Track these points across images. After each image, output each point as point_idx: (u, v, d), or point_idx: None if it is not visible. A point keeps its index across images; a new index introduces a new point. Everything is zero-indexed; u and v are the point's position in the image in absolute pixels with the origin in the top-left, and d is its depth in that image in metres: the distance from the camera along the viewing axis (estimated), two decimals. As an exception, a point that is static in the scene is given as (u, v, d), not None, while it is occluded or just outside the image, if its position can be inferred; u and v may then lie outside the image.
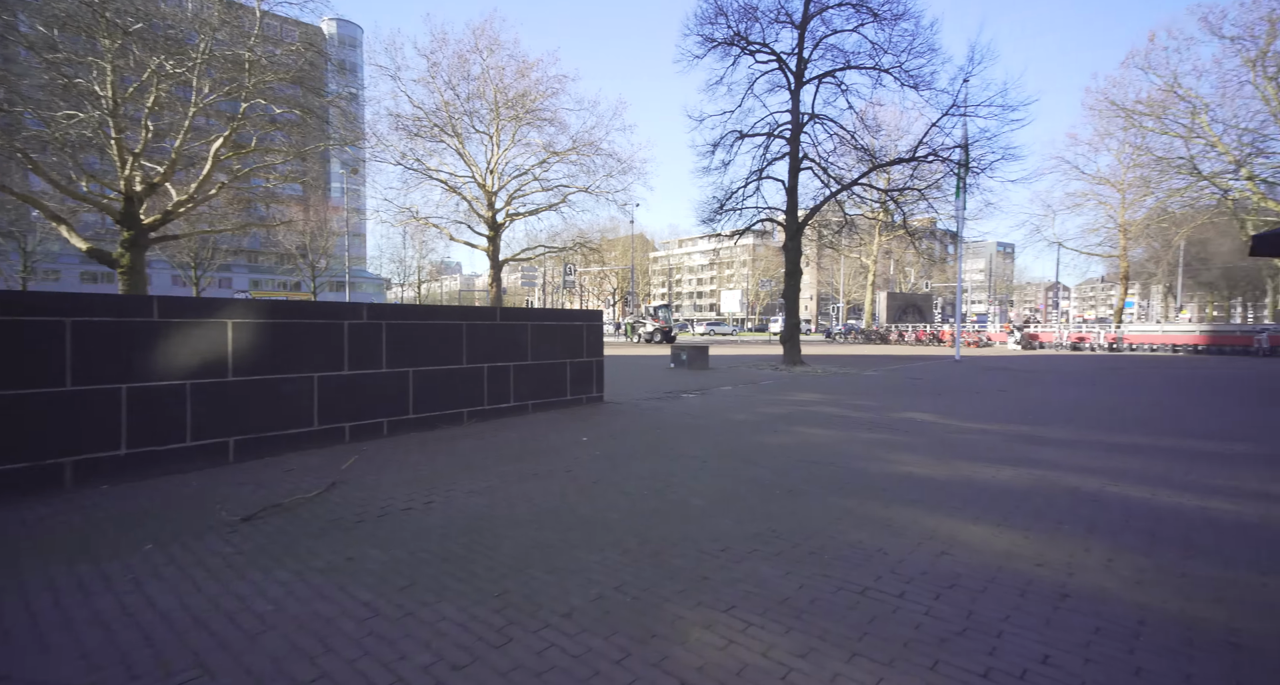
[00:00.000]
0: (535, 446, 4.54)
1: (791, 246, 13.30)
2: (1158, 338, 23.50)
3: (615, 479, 3.60)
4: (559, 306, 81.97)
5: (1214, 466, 3.95)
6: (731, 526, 2.75)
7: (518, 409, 6.05)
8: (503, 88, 32.19)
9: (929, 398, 7.94)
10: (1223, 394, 8.62)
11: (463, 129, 32.80)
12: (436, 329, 5.35)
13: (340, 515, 2.90)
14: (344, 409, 4.64)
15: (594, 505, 3.08)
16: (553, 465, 3.93)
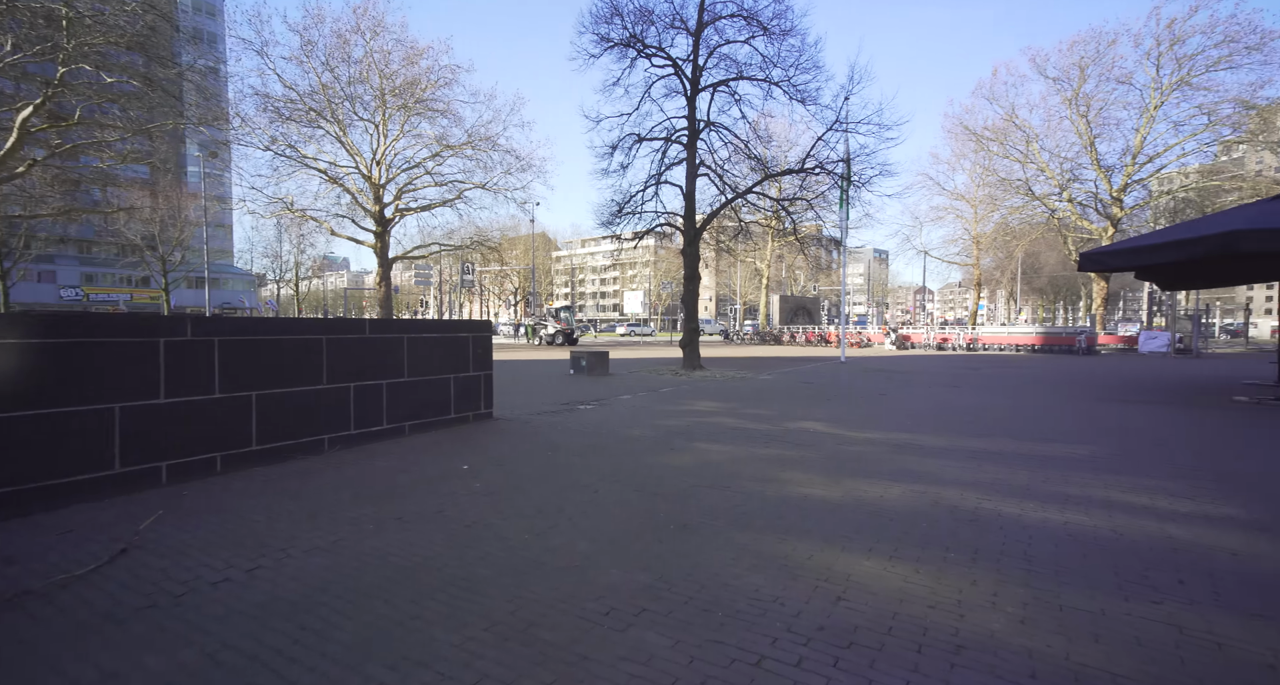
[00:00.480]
0: (406, 480, 4.00)
1: (690, 252, 13.40)
2: (1004, 338, 26.62)
3: (494, 520, 3.18)
4: (457, 305, 78.31)
5: (1065, 472, 4.27)
6: (619, 578, 2.46)
7: (392, 432, 5.40)
8: (389, 74, 29.99)
9: (819, 404, 8.21)
10: (1059, 392, 9.73)
11: (344, 115, 30.17)
12: (290, 345, 4.60)
13: (121, 600, 2.26)
14: (159, 445, 3.81)
15: (464, 559, 2.66)
16: (422, 505, 3.44)
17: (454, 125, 31.86)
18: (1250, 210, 8.18)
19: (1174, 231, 8.78)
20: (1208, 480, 4.03)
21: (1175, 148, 29.45)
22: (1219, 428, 6.39)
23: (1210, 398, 9.06)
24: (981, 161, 34.94)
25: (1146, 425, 6.46)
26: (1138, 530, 2.99)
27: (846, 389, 10.25)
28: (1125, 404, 8.31)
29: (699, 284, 13.73)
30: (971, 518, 3.19)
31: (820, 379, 12.22)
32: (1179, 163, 30.71)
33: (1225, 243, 7.45)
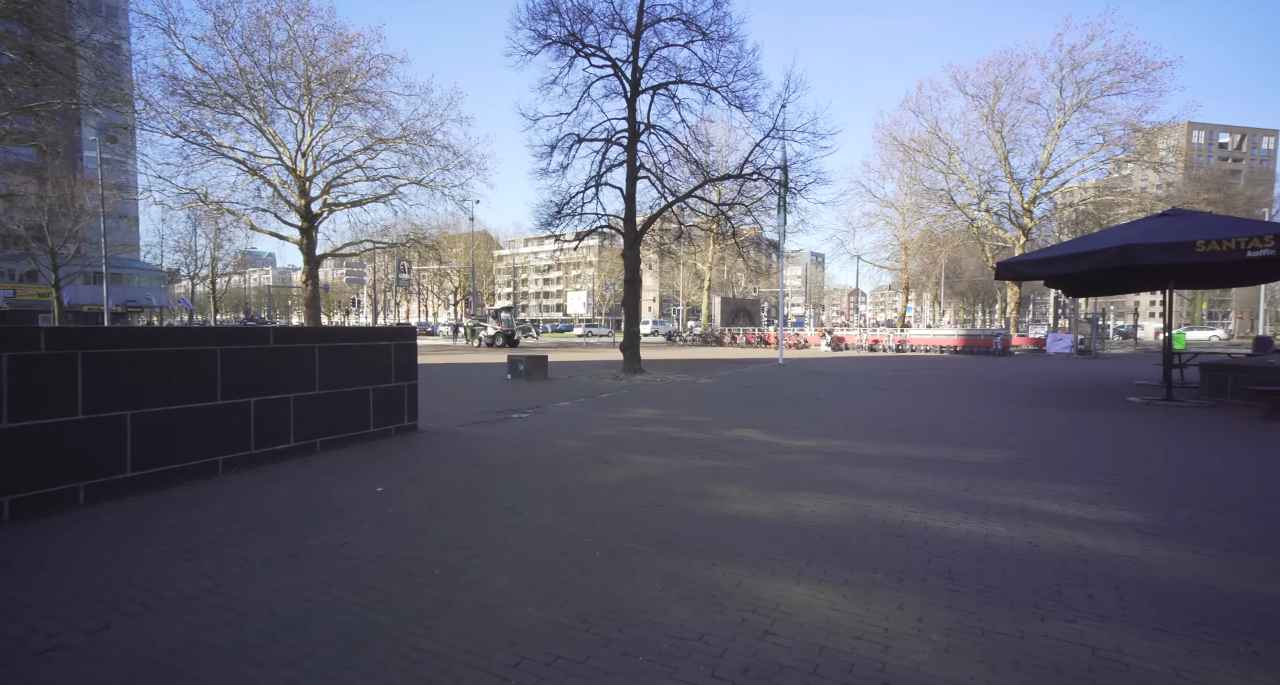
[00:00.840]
0: (310, 506, 3.63)
1: (630, 254, 13.29)
2: (930, 340, 28.08)
3: (404, 552, 2.91)
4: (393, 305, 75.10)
5: (985, 479, 4.40)
6: (536, 618, 2.26)
7: (301, 450, 4.95)
8: (315, 61, 28.31)
9: (757, 409, 8.26)
10: (979, 395, 10.25)
11: (266, 103, 28.24)
12: (174, 357, 4.11)
13: (-80, 682, 1.86)
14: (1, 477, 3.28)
15: (363, 602, 2.39)
16: (324, 536, 3.11)
17: (387, 118, 30.48)
18: (1141, 226, 8.88)
19: (1077, 244, 9.43)
20: (1108, 484, 4.25)
21: (1076, 164, 32.03)
22: (1116, 429, 6.85)
23: (1108, 399, 9.78)
24: (909, 171, 36.80)
25: (1054, 427, 6.85)
26: (1051, 540, 3.07)
27: (784, 393, 10.41)
28: (1036, 406, 8.83)
29: (640, 287, 13.63)
30: (899, 532, 3.19)
31: (759, 382, 12.39)
32: (1079, 178, 33.45)
33: (1121, 255, 8.03)
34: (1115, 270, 9.02)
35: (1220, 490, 4.12)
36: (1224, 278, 10.71)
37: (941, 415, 7.76)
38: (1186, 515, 3.50)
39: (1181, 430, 6.75)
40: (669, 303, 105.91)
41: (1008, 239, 33.74)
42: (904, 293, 45.78)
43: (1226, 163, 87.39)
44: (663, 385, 11.68)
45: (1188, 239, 7.69)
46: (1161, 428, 6.91)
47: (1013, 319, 34.18)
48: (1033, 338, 28.54)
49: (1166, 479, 4.41)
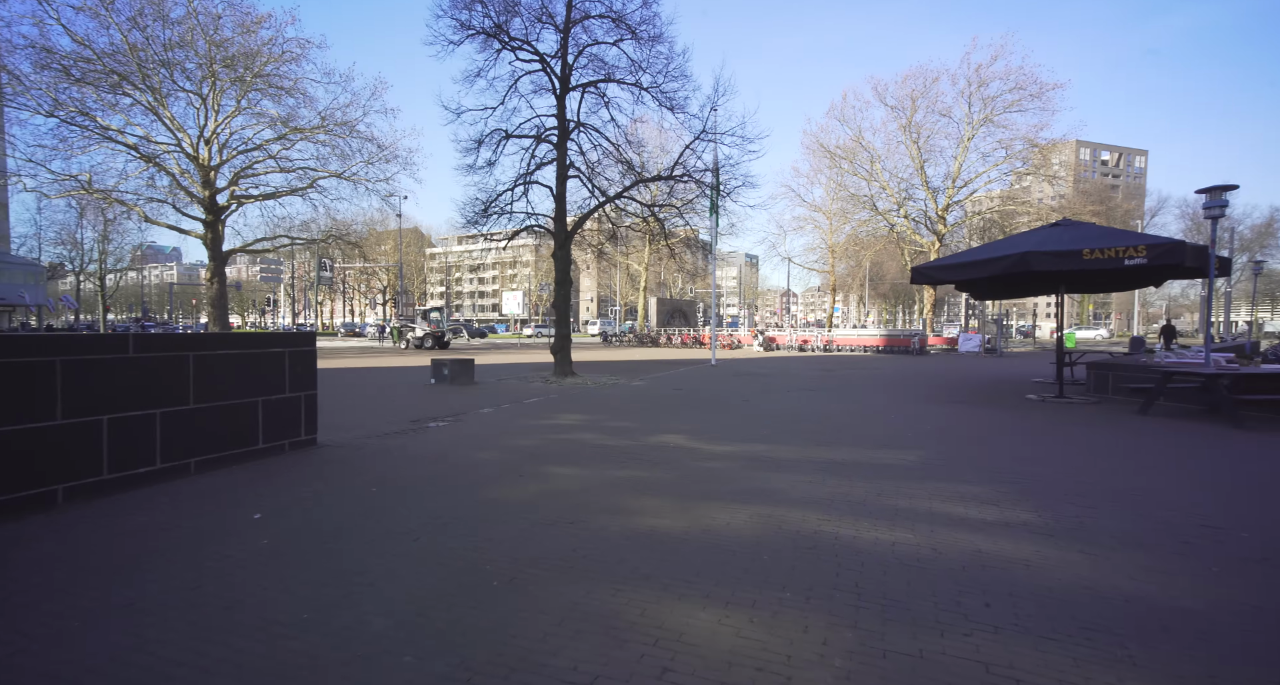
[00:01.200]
0: (166, 541, 3.18)
1: (560, 255, 13.00)
2: (855, 341, 29.35)
3: (271, 593, 2.56)
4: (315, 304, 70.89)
5: (896, 482, 4.49)
6: (412, 670, 2.01)
7: (171, 473, 4.40)
8: (220, 41, 26.09)
9: (684, 413, 8.21)
10: (896, 394, 10.70)
11: (162, 84, 25.73)
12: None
13: None
14: None
15: (201, 662, 2.05)
16: (174, 579, 2.70)
17: (304, 106, 28.55)
18: (1036, 235, 9.53)
19: (982, 251, 10.01)
20: (1007, 483, 4.44)
21: (983, 175, 34.46)
22: (1015, 427, 7.27)
23: (1009, 397, 10.44)
24: (835, 177, 38.39)
25: (961, 426, 7.19)
26: (953, 546, 3.12)
27: (713, 396, 10.46)
28: (946, 405, 9.29)
29: (570, 289, 13.37)
30: (811, 544, 3.14)
31: (690, 384, 12.42)
32: (986, 188, 36.00)
33: (1020, 262, 8.57)
34: (1016, 275, 9.63)
35: (1101, 486, 4.38)
36: (1107, 283, 11.70)
37: (860, 416, 8.00)
38: (1073, 513, 3.68)
39: (1070, 427, 7.25)
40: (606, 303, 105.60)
41: (924, 244, 35.84)
42: (831, 294, 47.76)
43: (1108, 178, 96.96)
44: (593, 388, 11.48)
45: (1076, 248, 8.30)
46: (1053, 425, 7.39)
47: (929, 320, 36.34)
48: (946, 337, 30.43)
49: (1057, 477, 4.65)
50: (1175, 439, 6.49)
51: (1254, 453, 5.79)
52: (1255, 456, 5.63)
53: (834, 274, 45.83)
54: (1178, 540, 3.23)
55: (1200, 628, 2.28)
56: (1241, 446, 6.08)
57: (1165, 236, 9.67)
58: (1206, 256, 7.92)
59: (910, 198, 36.26)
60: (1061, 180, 38.92)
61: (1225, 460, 5.48)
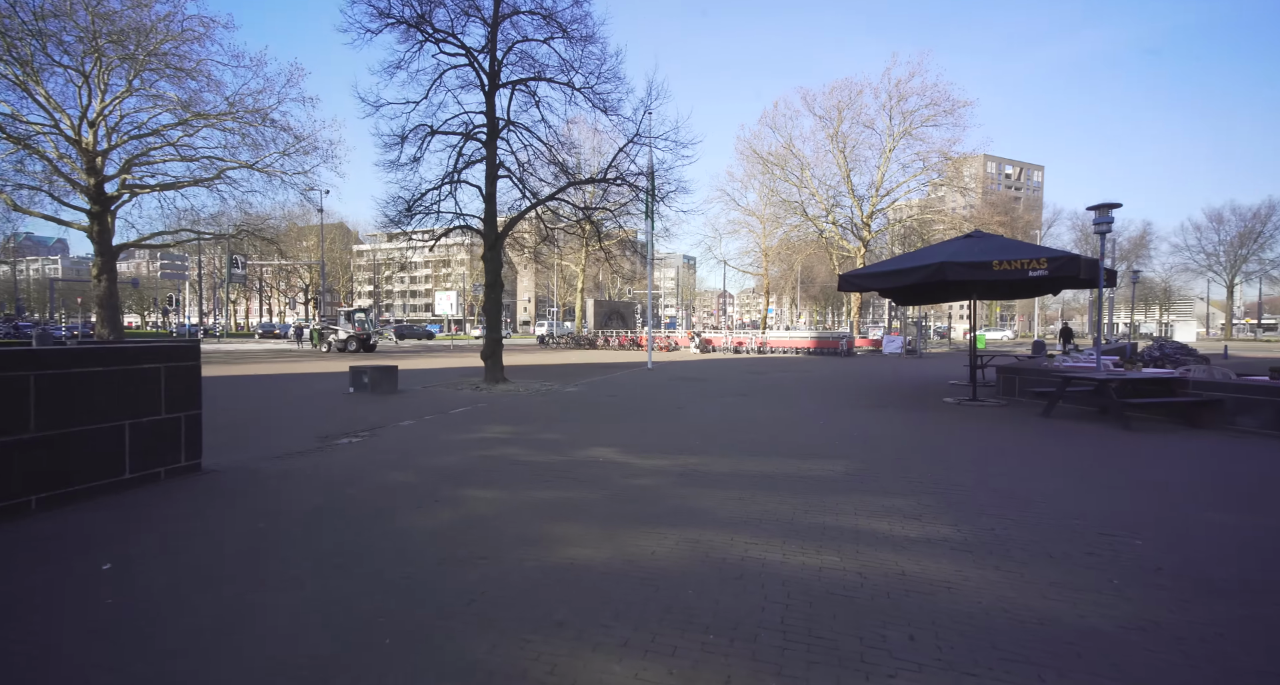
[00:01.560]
0: (-17, 609, 2.64)
1: (491, 257, 12.50)
2: (787, 342, 30.22)
3: (91, 675, 2.14)
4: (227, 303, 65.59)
5: (824, 496, 4.48)
6: (269, 767, 1.69)
7: (4, 514, 3.74)
8: (105, 14, 23.54)
9: (618, 423, 8.02)
10: (824, 399, 10.98)
11: (34, 57, 22.90)
12: None
13: None
14: None
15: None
16: (-16, 661, 2.22)
17: (210, 90, 26.25)
18: (951, 246, 10.03)
19: (902, 261, 10.42)
20: (928, 493, 4.53)
21: (904, 185, 36.40)
22: (934, 433, 7.56)
23: (928, 400, 10.93)
24: (768, 183, 39.46)
25: (885, 432, 7.39)
26: (879, 569, 3.08)
27: (647, 402, 10.34)
28: (871, 409, 9.59)
29: (501, 291, 12.89)
30: (738, 573, 3.02)
31: (625, 390, 12.26)
32: (906, 198, 38.07)
33: (937, 272, 8.96)
34: (934, 284, 10.07)
35: (1012, 494, 4.54)
36: (1013, 291, 12.51)
37: (791, 423, 8.09)
38: (988, 525, 3.76)
39: (984, 432, 7.61)
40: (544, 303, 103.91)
41: (851, 249, 37.46)
42: (765, 296, 49.10)
43: (1011, 191, 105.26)
44: (525, 396, 11.09)
45: (987, 259, 8.76)
46: (968, 429, 7.75)
47: (855, 322, 37.99)
48: (872, 339, 31.89)
49: (973, 486, 4.80)
50: (1073, 441, 6.93)
51: (1140, 454, 6.25)
52: (1141, 458, 6.07)
53: (767, 277, 47.13)
54: (1082, 550, 3.34)
55: (1109, 651, 2.31)
56: (1129, 448, 6.56)
57: (1063, 250, 10.41)
58: (1098, 269, 8.55)
59: (838, 204, 37.84)
60: (972, 191, 41.79)
61: (1115, 462, 5.88)
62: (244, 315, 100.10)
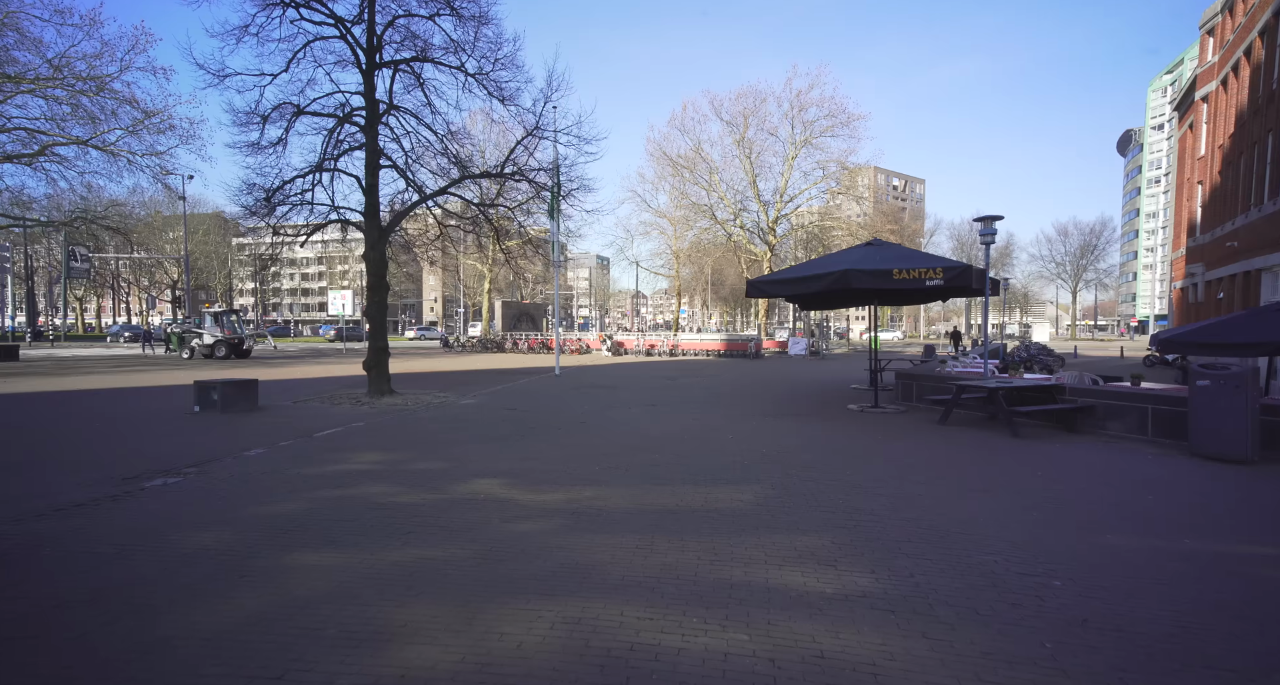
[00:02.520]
0: None
1: (374, 257, 11.15)
2: (698, 345, 30.41)
3: None
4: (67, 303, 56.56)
5: (731, 537, 3.98)
6: None
7: None
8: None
9: (510, 443, 7.19)
10: (733, 405, 10.73)
11: None
12: None
13: None
14: None
15: None
16: None
17: (23, 48, 22.04)
18: (853, 254, 10.10)
19: (809, 267, 10.38)
20: (842, 527, 4.16)
21: (805, 192, 37.94)
22: (842, 446, 7.41)
23: (833, 407, 10.99)
24: (678, 186, 39.69)
25: (793, 447, 7.12)
26: (793, 652, 2.55)
27: (550, 415, 9.55)
28: (779, 418, 9.41)
29: (387, 293, 11.55)
30: (623, 676, 2.37)
31: (527, 401, 11.38)
32: (808, 204, 39.73)
33: (841, 279, 8.91)
34: (837, 290, 10.06)
35: (926, 525, 4.28)
36: (909, 297, 12.98)
37: (699, 438, 7.65)
38: (907, 570, 3.39)
39: (888, 444, 7.57)
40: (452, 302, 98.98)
41: (758, 253, 38.51)
42: (677, 298, 49.52)
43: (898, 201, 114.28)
44: (413, 411, 9.92)
45: (888, 267, 8.82)
46: (874, 441, 7.68)
47: (763, 325, 39.12)
48: (779, 341, 32.88)
49: (885, 513, 4.50)
50: (971, 453, 7.00)
51: (1032, 465, 6.37)
52: (1034, 470, 6.16)
53: (679, 278, 47.53)
54: (1007, 601, 3.03)
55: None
56: (1021, 458, 6.70)
57: (957, 261, 10.83)
58: (985, 279, 8.85)
59: (745, 209, 38.76)
60: (865, 200, 44.44)
61: (1012, 476, 5.91)
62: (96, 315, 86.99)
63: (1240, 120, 20.94)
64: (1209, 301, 24.01)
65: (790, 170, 36.87)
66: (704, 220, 39.97)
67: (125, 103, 23.35)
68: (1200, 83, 25.43)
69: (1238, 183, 20.86)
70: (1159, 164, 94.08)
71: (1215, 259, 22.87)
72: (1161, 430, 7.19)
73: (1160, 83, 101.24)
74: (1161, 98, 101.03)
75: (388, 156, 10.96)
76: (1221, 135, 23.09)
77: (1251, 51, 19.94)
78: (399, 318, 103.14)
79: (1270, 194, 17.91)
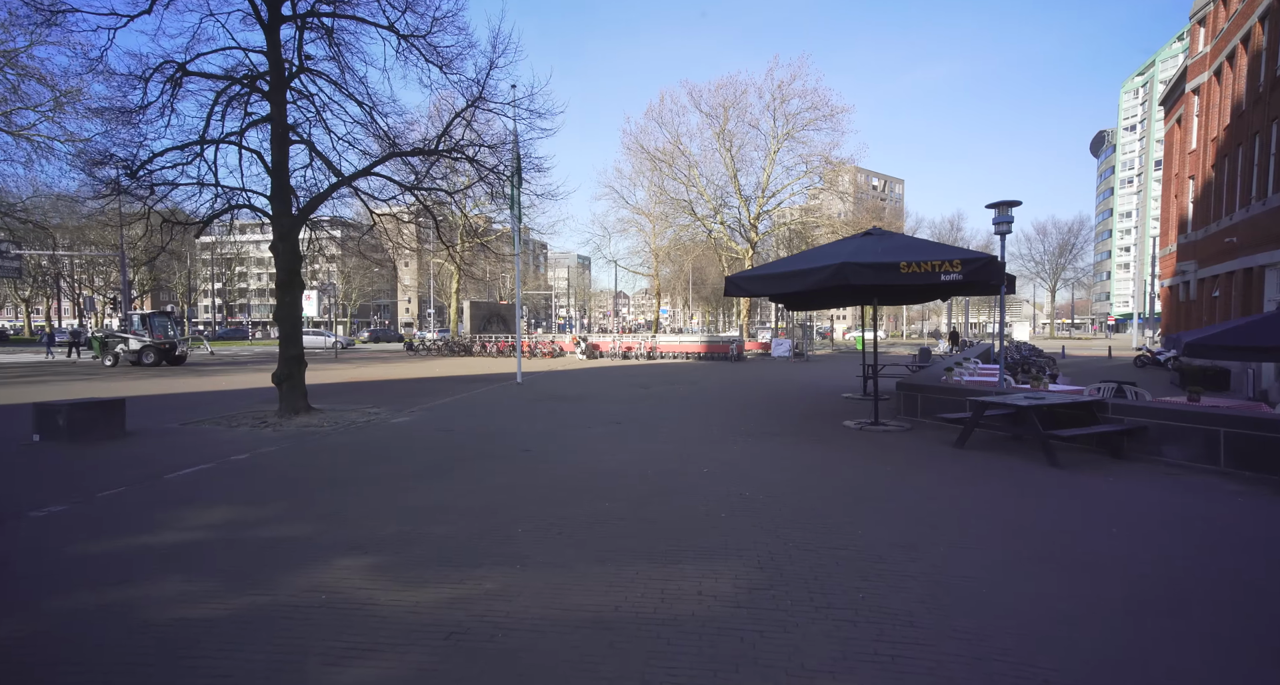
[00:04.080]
0: None
1: (283, 248, 9.33)
2: (678, 347, 28.88)
3: None
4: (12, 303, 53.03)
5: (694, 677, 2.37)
6: None
7: None
8: None
9: (422, 484, 5.51)
10: (714, 418, 9.14)
11: None
12: None
13: None
14: None
15: None
16: None
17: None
18: (851, 244, 8.58)
19: (797, 261, 8.83)
20: (874, 663, 2.58)
21: (787, 188, 36.63)
22: (845, 485, 5.87)
23: (826, 422, 9.48)
24: (656, 181, 38.09)
25: (782, 485, 5.57)
26: None
27: (489, 440, 7.87)
28: (763, 439, 7.85)
29: (300, 291, 9.74)
30: None
31: (471, 419, 9.67)
32: (790, 201, 38.41)
33: (837, 274, 7.39)
34: (830, 288, 8.52)
35: (987, 636, 2.73)
36: (919, 295, 11.40)
37: (667, 472, 6.05)
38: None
39: (902, 480, 6.06)
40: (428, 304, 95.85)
41: (739, 251, 37.09)
42: (656, 298, 47.96)
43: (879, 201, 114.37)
44: (324, 435, 8.17)
45: (893, 260, 7.32)
46: (883, 476, 6.17)
47: (745, 325, 37.74)
48: (761, 342, 31.51)
49: (925, 619, 2.95)
50: (1008, 491, 5.51)
51: (1087, 508, 4.89)
52: (1092, 517, 4.68)
53: (658, 277, 45.97)
54: None
55: None
56: (1074, 498, 5.22)
57: (977, 251, 9.37)
58: (1003, 274, 7.40)
59: (725, 204, 37.31)
60: (849, 196, 43.34)
61: (1072, 527, 4.41)
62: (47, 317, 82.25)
63: (1237, 111, 20.04)
64: (1202, 300, 23.18)
65: (772, 165, 35.52)
66: (683, 217, 38.43)
67: (35, 80, 20.93)
68: (1191, 74, 24.61)
69: (1235, 176, 19.96)
70: (1131, 164, 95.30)
71: (1210, 256, 22.00)
72: (1240, 460, 5.78)
73: (1132, 84, 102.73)
74: (1134, 99, 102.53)
75: (299, 133, 9.15)
76: (1215, 127, 22.24)
77: (1250, 38, 19.02)
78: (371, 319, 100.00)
79: (1275, 186, 16.94)
